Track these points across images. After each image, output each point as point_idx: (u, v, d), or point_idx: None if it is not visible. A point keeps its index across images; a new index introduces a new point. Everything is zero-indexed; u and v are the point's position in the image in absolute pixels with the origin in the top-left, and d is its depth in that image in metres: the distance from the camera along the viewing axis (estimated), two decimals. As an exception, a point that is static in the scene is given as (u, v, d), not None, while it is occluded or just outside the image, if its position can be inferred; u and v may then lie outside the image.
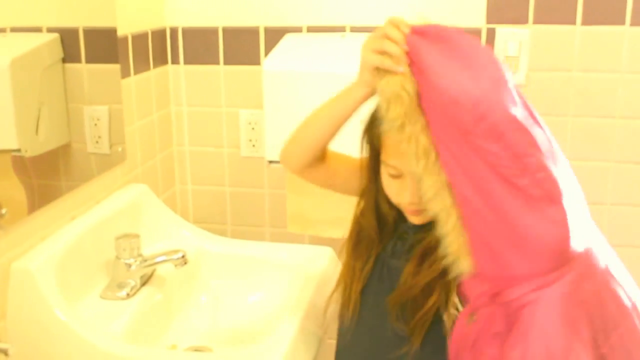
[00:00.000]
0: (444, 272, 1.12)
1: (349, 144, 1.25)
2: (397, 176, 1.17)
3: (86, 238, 1.41)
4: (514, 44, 1.75)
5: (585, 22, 1.73)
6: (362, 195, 1.28)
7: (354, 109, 1.18)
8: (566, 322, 1.01)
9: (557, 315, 1.00)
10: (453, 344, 1.14)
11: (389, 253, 1.26)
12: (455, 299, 1.18)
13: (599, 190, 1.84)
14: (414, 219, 1.21)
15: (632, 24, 1.71)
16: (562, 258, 1.01)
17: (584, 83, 1.77)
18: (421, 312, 1.19)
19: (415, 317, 1.19)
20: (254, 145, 1.94)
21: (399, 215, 1.25)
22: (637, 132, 1.78)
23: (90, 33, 1.53)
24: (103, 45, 1.61)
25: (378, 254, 1.27)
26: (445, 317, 1.19)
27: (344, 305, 1.30)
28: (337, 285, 1.32)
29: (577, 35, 1.74)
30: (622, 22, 1.72)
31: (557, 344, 1.00)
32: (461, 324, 1.12)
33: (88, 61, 1.54)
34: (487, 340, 1.07)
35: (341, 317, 1.32)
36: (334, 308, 1.34)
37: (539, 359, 1.00)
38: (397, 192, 1.19)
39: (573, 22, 1.73)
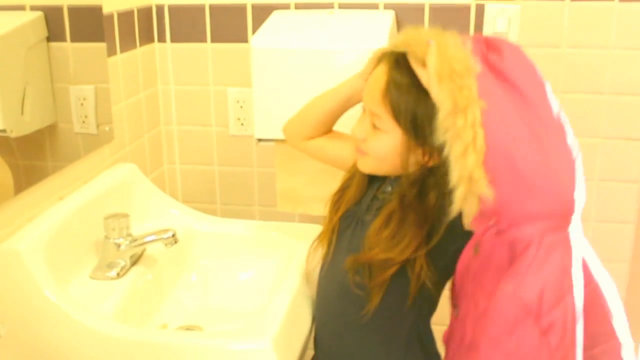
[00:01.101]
0: (415, 229, 1.19)
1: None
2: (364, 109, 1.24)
3: (74, 218, 1.40)
4: (503, 20, 1.74)
5: (575, -3, 1.72)
6: None
7: (351, 100, 1.33)
8: (564, 273, 1.05)
9: (557, 265, 1.05)
10: (458, 274, 1.19)
11: (364, 209, 1.30)
12: (423, 258, 1.21)
13: (588, 166, 1.82)
14: (359, 163, 1.28)
15: (621, -1, 1.71)
16: (568, 210, 1.07)
17: (573, 59, 1.77)
18: (383, 272, 1.22)
19: (376, 276, 1.22)
20: (242, 124, 1.93)
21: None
22: (625, 108, 1.78)
23: (74, 11, 1.51)
24: (88, 24, 1.59)
25: (353, 210, 1.32)
26: (409, 274, 1.22)
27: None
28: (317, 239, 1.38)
29: (566, 11, 1.73)
30: (611, -2, 1.71)
31: (551, 288, 1.04)
32: (467, 255, 1.16)
33: (73, 40, 1.52)
34: (488, 274, 1.11)
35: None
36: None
37: (530, 297, 1.03)
38: (356, 124, 1.25)
39: (562, -2, 1.73)
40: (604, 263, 1.89)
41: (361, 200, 1.32)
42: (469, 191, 1.06)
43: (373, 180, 1.32)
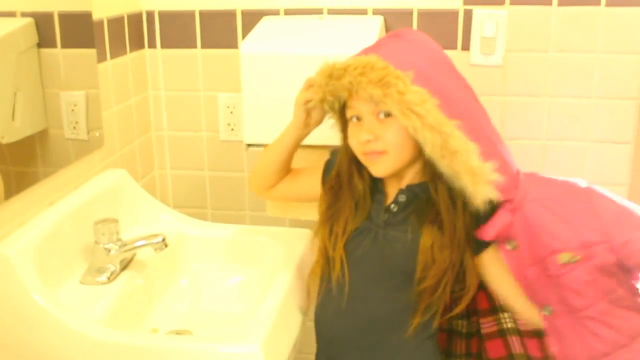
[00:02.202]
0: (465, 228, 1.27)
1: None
2: (358, 118, 1.26)
3: (64, 223, 1.40)
4: (491, 25, 1.76)
5: (562, 2, 1.73)
6: (346, 153, 1.35)
7: (297, 145, 1.42)
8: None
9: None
10: (519, 276, 1.26)
11: (381, 225, 1.31)
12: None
13: (576, 170, 1.85)
14: (374, 168, 1.28)
15: (608, 4, 1.72)
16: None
17: (560, 63, 1.78)
18: (433, 282, 1.27)
19: (423, 287, 1.28)
20: (232, 129, 1.93)
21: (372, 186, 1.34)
22: (613, 112, 1.80)
23: (65, 17, 1.52)
24: (78, 30, 1.60)
25: (363, 230, 1.33)
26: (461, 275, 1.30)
27: (324, 277, 1.38)
28: (317, 260, 1.38)
29: (553, 16, 1.75)
30: (598, 3, 1.72)
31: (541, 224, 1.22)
32: (508, 254, 1.26)
33: (64, 46, 1.52)
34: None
35: (325, 288, 1.37)
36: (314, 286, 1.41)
37: None
38: (356, 134, 1.27)
39: (549, 3, 1.74)
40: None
41: (370, 218, 1.33)
42: (475, 180, 1.18)
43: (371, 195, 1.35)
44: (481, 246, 1.29)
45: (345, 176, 1.34)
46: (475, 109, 1.26)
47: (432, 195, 1.27)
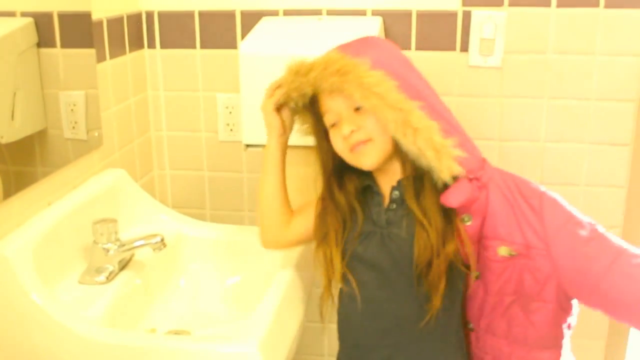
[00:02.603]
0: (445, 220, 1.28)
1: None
2: (336, 123, 1.29)
3: (63, 223, 1.40)
4: (490, 26, 1.76)
5: (560, 4, 1.74)
6: (322, 172, 1.39)
7: (282, 155, 1.43)
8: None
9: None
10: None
11: (384, 225, 1.32)
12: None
13: (575, 172, 1.86)
14: (364, 159, 1.30)
15: (606, 6, 1.72)
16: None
17: (559, 65, 1.78)
18: (439, 270, 1.28)
19: (431, 277, 1.28)
20: (231, 130, 1.94)
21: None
22: (611, 113, 1.80)
23: (64, 17, 1.52)
24: (78, 30, 1.60)
25: (367, 234, 1.34)
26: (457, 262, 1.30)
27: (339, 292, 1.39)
28: (324, 286, 1.38)
29: (552, 18, 1.75)
30: (597, 5, 1.73)
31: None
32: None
33: (63, 46, 1.53)
34: None
35: (342, 300, 1.39)
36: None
37: None
38: (339, 135, 1.29)
39: (548, 5, 1.74)
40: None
41: (373, 221, 1.34)
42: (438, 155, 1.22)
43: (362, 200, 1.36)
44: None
45: (327, 194, 1.37)
46: (433, 95, 1.29)
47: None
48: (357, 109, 1.26)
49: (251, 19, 1.83)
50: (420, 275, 1.28)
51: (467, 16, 1.77)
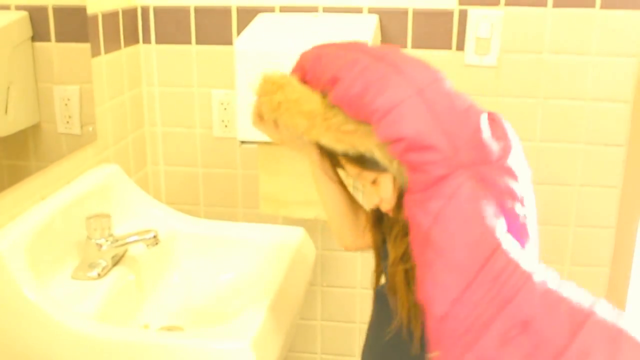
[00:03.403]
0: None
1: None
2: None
3: (56, 218, 1.40)
4: (486, 25, 1.76)
5: (557, 4, 1.74)
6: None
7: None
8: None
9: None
10: None
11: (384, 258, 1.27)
12: None
13: (569, 172, 1.86)
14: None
15: (602, 6, 1.72)
16: None
17: (554, 65, 1.78)
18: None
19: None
20: (226, 126, 1.93)
21: None
22: (606, 114, 1.80)
23: (59, 11, 1.51)
24: (73, 24, 1.59)
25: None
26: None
27: None
28: None
29: (548, 17, 1.75)
30: (592, 5, 1.73)
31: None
32: None
33: (58, 40, 1.52)
34: None
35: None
36: None
37: None
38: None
39: (544, 4, 1.74)
40: (585, 268, 1.93)
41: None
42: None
43: None
44: None
45: None
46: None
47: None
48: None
49: (247, 15, 1.83)
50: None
51: (463, 15, 1.77)
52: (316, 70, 1.16)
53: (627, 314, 1.94)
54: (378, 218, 1.25)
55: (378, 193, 1.14)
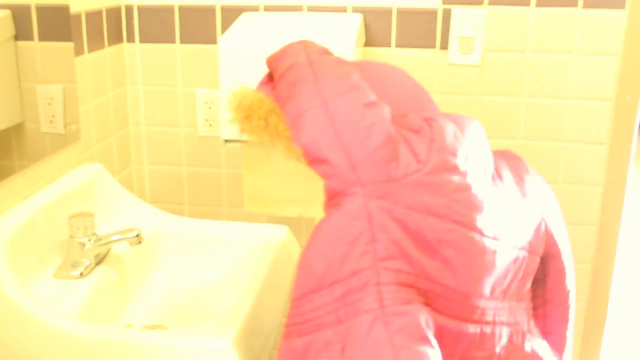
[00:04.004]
0: None
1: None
2: None
3: (39, 217, 1.39)
4: (470, 24, 1.77)
5: (539, 3, 1.75)
6: None
7: None
8: None
9: None
10: None
11: None
12: None
13: (552, 170, 1.87)
14: None
15: (585, 6, 1.74)
16: None
17: (537, 64, 1.79)
18: None
19: None
20: (210, 125, 1.93)
21: None
22: (589, 112, 1.82)
23: (42, 10, 1.51)
24: (56, 23, 1.59)
25: None
26: None
27: None
28: None
29: (531, 17, 1.76)
30: (575, 5, 1.74)
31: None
32: None
33: (41, 39, 1.51)
34: None
35: None
36: None
37: None
38: None
39: (527, 4, 1.75)
40: (567, 265, 1.93)
41: None
42: None
43: None
44: None
45: None
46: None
47: None
48: None
49: (231, 14, 1.83)
50: None
51: (447, 14, 1.78)
52: (275, 67, 1.22)
53: (610, 311, 1.96)
54: None
55: None
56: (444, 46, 1.80)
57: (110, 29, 1.83)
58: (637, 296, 3.36)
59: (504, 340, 1.15)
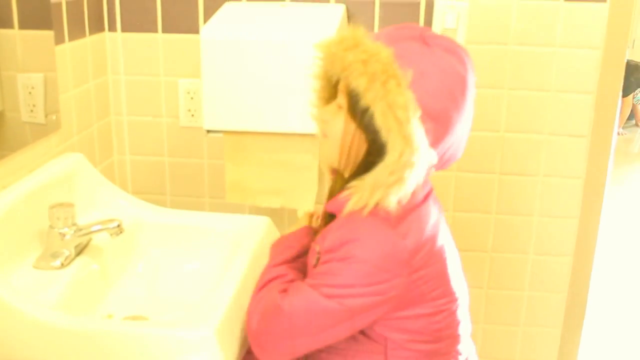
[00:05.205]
0: None
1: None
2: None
3: (18, 207, 1.38)
4: (452, 16, 1.77)
5: (522, -4, 1.76)
6: None
7: None
8: None
9: None
10: None
11: None
12: None
13: (533, 162, 1.88)
14: (320, 150, 1.39)
15: (567, -1, 1.75)
16: None
17: (519, 56, 1.80)
18: None
19: None
20: (192, 115, 1.92)
21: None
22: (570, 105, 1.83)
23: (22, -2, 1.49)
24: (36, 11, 1.57)
25: None
26: None
27: None
28: None
29: (513, 9, 1.77)
30: (557, -3, 1.75)
31: None
32: None
33: (21, 27, 1.50)
34: None
35: None
36: None
37: None
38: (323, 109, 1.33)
39: (510, -4, 1.76)
40: (548, 257, 1.95)
41: None
42: None
43: None
44: None
45: None
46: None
47: None
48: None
49: (214, 3, 1.82)
50: None
51: (429, 5, 1.78)
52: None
53: (589, 303, 1.98)
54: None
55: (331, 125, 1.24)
56: (427, 38, 1.80)
57: (91, 17, 1.81)
58: (617, 289, 3.40)
59: None
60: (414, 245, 1.19)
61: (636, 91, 6.35)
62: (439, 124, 1.16)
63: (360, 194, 1.18)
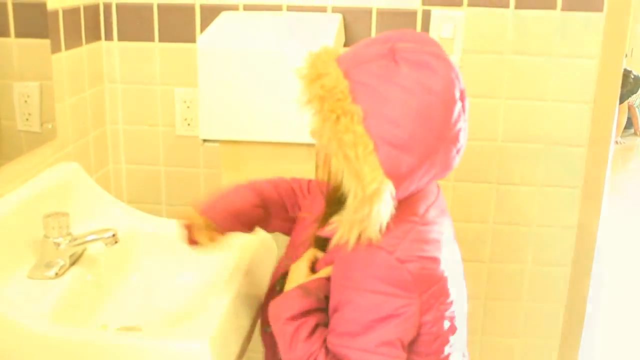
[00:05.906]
0: None
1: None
2: None
3: (12, 216, 1.38)
4: (449, 26, 1.77)
5: (518, 5, 1.75)
6: None
7: None
8: None
9: None
10: None
11: None
12: None
13: (531, 172, 1.87)
14: None
15: (563, 8, 1.74)
16: None
17: (516, 65, 1.80)
18: None
19: None
20: (189, 124, 1.92)
21: None
22: (567, 114, 1.82)
23: (19, 6, 1.49)
24: (33, 19, 1.57)
25: None
26: None
27: None
28: None
29: (510, 19, 1.77)
30: (554, 7, 1.75)
31: None
32: None
33: (17, 35, 1.50)
34: None
35: None
36: None
37: None
38: None
39: (506, 6, 1.76)
40: (546, 267, 1.94)
41: None
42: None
43: None
44: None
45: None
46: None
47: None
48: None
49: (211, 13, 1.82)
50: None
51: (426, 15, 1.78)
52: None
53: (588, 313, 1.97)
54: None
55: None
56: (424, 47, 1.80)
57: (88, 26, 1.81)
58: (616, 298, 3.39)
59: None
60: (417, 269, 1.14)
61: (634, 98, 6.36)
62: (406, 150, 1.09)
63: (342, 230, 1.13)
